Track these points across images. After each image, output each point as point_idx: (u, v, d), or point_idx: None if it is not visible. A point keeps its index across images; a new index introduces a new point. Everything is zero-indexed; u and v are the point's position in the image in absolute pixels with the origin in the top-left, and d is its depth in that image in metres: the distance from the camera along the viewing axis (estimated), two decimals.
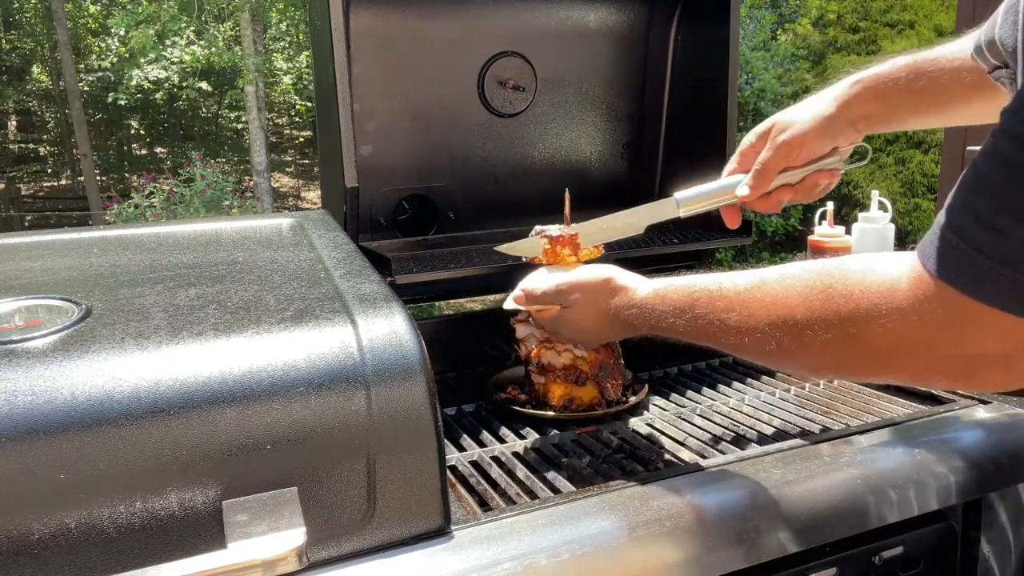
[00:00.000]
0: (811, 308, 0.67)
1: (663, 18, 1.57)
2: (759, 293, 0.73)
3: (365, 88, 1.38)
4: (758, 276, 0.74)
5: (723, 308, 0.76)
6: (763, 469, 0.89)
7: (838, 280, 0.66)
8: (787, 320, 0.69)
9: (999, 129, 0.55)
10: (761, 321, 0.71)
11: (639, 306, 0.88)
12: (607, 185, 1.64)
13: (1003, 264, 0.53)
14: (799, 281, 0.69)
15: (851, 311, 0.64)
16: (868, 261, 0.66)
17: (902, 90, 0.92)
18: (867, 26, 7.75)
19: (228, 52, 10.45)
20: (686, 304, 0.80)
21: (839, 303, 0.65)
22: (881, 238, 1.48)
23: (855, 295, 0.64)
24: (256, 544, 0.63)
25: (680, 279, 0.84)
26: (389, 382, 0.71)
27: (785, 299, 0.70)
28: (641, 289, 0.89)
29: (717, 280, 0.78)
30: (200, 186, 8.04)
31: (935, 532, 0.96)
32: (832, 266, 0.68)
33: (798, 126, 0.97)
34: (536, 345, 1.14)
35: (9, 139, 18.57)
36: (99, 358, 0.67)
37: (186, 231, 1.13)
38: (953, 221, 0.57)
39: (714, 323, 0.76)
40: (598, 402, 1.14)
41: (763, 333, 0.71)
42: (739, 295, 0.75)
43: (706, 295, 0.78)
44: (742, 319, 0.73)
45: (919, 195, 6.75)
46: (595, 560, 0.75)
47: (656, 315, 0.85)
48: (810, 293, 0.68)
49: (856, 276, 0.65)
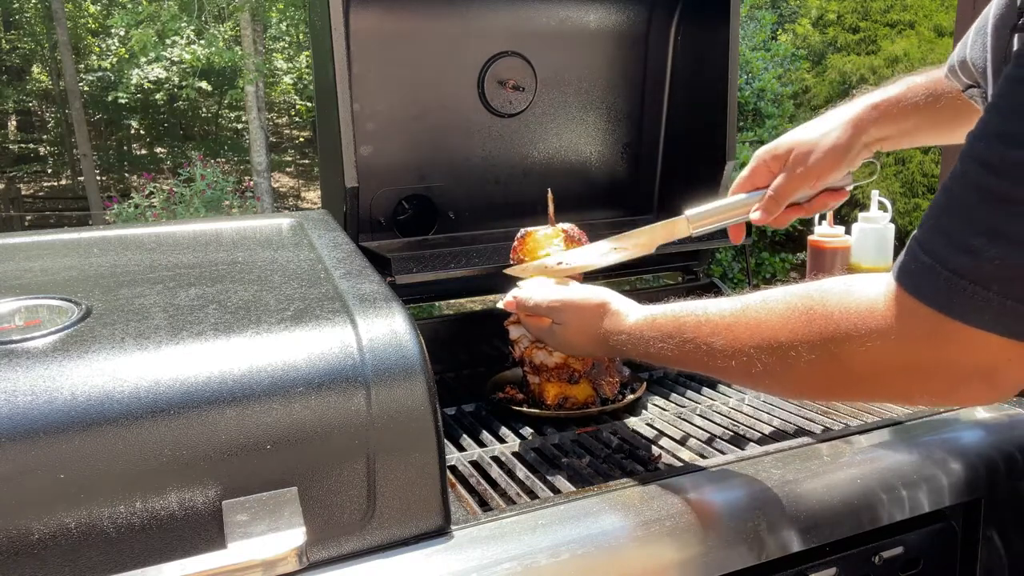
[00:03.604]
0: (794, 330, 0.68)
1: (663, 18, 1.57)
2: (744, 317, 0.74)
3: (365, 88, 1.38)
4: (742, 301, 0.76)
5: (709, 332, 0.77)
6: (763, 469, 0.89)
7: (818, 302, 0.67)
8: (771, 342, 0.70)
9: (966, 153, 0.56)
10: (746, 344, 0.72)
11: (628, 332, 0.89)
12: (607, 185, 1.64)
13: (976, 284, 0.55)
14: (781, 304, 0.71)
15: (832, 332, 0.65)
16: (847, 282, 0.67)
17: (921, 113, 0.93)
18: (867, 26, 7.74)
19: (228, 52, 10.44)
20: (673, 329, 0.81)
21: (820, 324, 0.66)
22: (881, 238, 1.48)
23: (835, 316, 0.65)
24: (256, 544, 0.63)
25: (670, 305, 0.85)
26: (389, 382, 0.71)
27: (768, 322, 0.71)
28: (631, 316, 0.90)
29: (704, 306, 0.80)
30: (200, 186, 8.03)
31: (935, 532, 0.96)
32: (813, 288, 0.69)
33: (817, 156, 0.97)
34: (528, 345, 1.14)
35: (9, 139, 18.57)
36: (99, 358, 0.67)
37: (186, 231, 1.13)
38: (927, 243, 0.58)
39: (701, 348, 0.77)
40: (593, 400, 1.14)
41: (748, 356, 0.72)
42: (724, 319, 0.76)
43: (693, 320, 0.79)
44: (727, 343, 0.74)
45: (919, 195, 6.75)
46: (595, 560, 0.75)
47: (644, 342, 0.86)
48: (792, 315, 0.69)
49: (836, 297, 0.66)
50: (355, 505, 0.70)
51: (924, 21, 7.52)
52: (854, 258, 1.49)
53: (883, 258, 1.47)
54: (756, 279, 6.75)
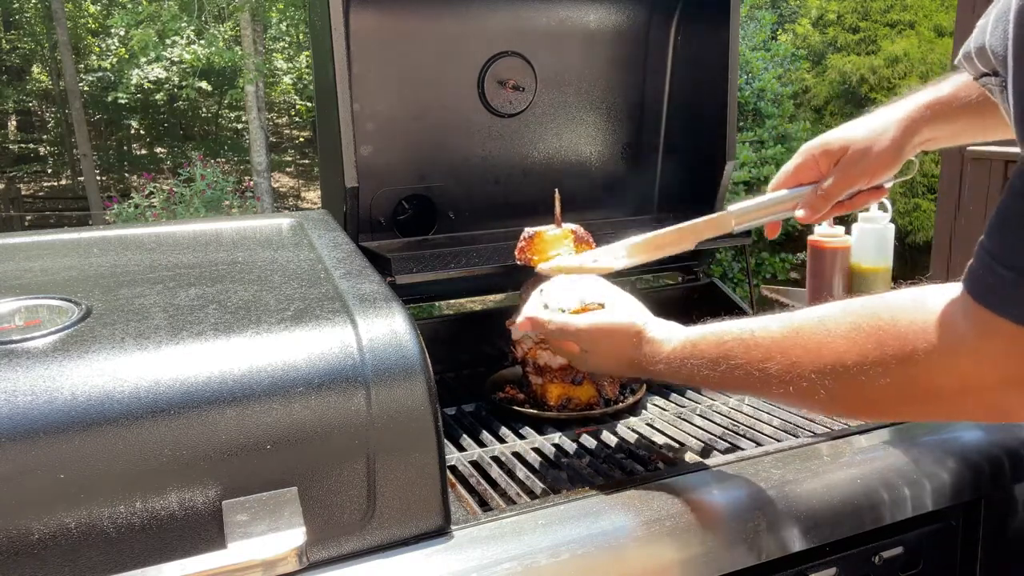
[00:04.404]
0: (863, 353, 0.64)
1: (663, 18, 1.57)
2: (800, 339, 0.70)
3: (365, 88, 1.38)
4: (791, 320, 0.72)
5: (761, 358, 0.72)
6: (763, 469, 0.89)
7: (887, 321, 0.63)
8: (836, 367, 0.66)
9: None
10: (806, 369, 0.68)
11: (667, 362, 0.84)
12: (607, 185, 1.64)
13: None
14: (844, 324, 0.66)
15: (909, 353, 0.61)
16: (916, 297, 0.63)
17: (972, 112, 0.91)
18: (867, 26, 7.74)
19: (228, 52, 10.45)
20: (719, 355, 0.77)
21: (894, 345, 0.62)
22: (881, 238, 1.48)
23: (909, 336, 0.61)
24: (256, 544, 0.63)
25: (709, 327, 0.81)
26: (389, 382, 0.71)
27: (831, 344, 0.67)
28: (669, 342, 0.85)
29: (749, 327, 0.75)
30: (200, 186, 8.03)
31: (935, 532, 0.96)
32: (878, 306, 0.65)
33: (872, 156, 0.95)
34: (532, 346, 1.14)
35: (9, 139, 18.57)
36: (99, 358, 0.67)
37: (186, 231, 1.13)
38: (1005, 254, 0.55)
39: (752, 374, 0.73)
40: (596, 401, 1.14)
41: (810, 382, 0.68)
42: (777, 343, 0.72)
43: (740, 344, 0.75)
44: (784, 368, 0.70)
45: (919, 195, 6.75)
46: (595, 560, 0.75)
47: (687, 369, 0.81)
48: (858, 336, 0.65)
49: (907, 315, 0.62)
50: (355, 505, 0.70)
51: (924, 21, 7.52)
52: (854, 258, 1.48)
53: (883, 258, 1.47)
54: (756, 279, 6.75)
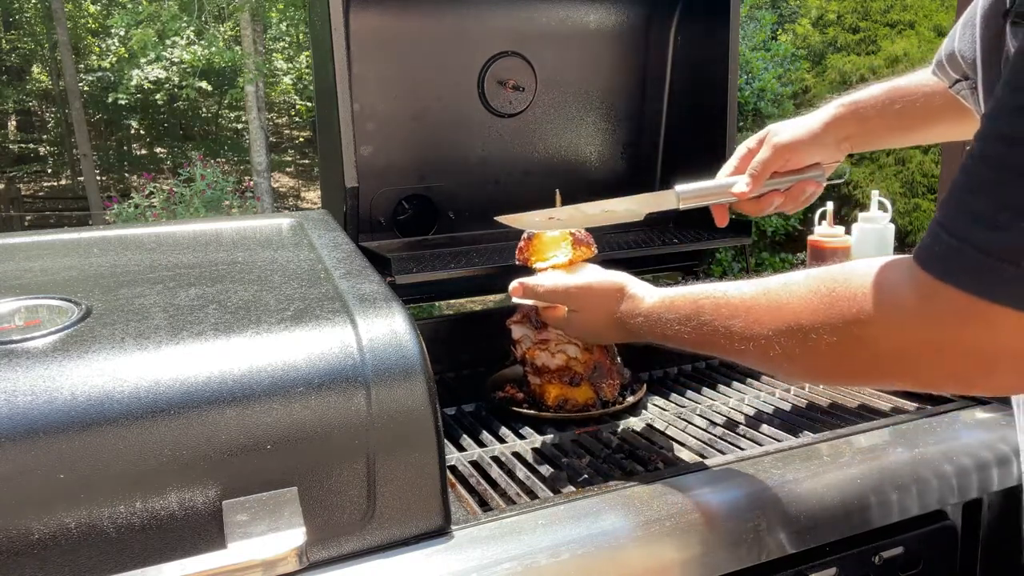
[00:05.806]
0: (815, 312, 0.67)
1: (663, 18, 1.57)
2: (764, 299, 0.73)
3: (365, 88, 1.38)
4: (763, 283, 0.75)
5: (728, 315, 0.76)
6: (763, 469, 0.89)
7: (841, 284, 0.66)
8: (791, 325, 0.69)
9: (984, 133, 0.56)
10: (766, 327, 0.71)
11: (645, 315, 0.89)
12: (607, 185, 1.64)
13: (1004, 261, 0.53)
14: (803, 286, 0.69)
15: (855, 313, 0.63)
16: (872, 264, 0.66)
17: (879, 113, 0.99)
18: (867, 26, 7.74)
19: (228, 52, 10.44)
20: (691, 311, 0.81)
21: (843, 306, 0.65)
22: (881, 238, 1.48)
23: (858, 297, 0.64)
24: (256, 544, 0.63)
25: (687, 287, 0.84)
26: (389, 382, 0.71)
27: (789, 304, 0.70)
28: (648, 298, 0.90)
29: (723, 288, 0.79)
30: (200, 186, 8.03)
31: (935, 532, 0.96)
32: (836, 271, 0.68)
33: (791, 132, 1.03)
34: (531, 346, 1.14)
35: (9, 139, 18.56)
36: (99, 358, 0.67)
37: (186, 231, 1.13)
38: (950, 224, 0.57)
39: (719, 330, 0.77)
40: (593, 403, 1.14)
41: (767, 339, 0.71)
42: (744, 302, 0.75)
43: (711, 302, 0.79)
44: (746, 325, 0.74)
45: (919, 195, 6.75)
46: (595, 560, 0.76)
47: (662, 323, 0.86)
48: (814, 297, 0.67)
49: (859, 279, 0.64)
50: (355, 505, 0.70)
51: (924, 21, 7.52)
52: (854, 258, 1.49)
53: None
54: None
